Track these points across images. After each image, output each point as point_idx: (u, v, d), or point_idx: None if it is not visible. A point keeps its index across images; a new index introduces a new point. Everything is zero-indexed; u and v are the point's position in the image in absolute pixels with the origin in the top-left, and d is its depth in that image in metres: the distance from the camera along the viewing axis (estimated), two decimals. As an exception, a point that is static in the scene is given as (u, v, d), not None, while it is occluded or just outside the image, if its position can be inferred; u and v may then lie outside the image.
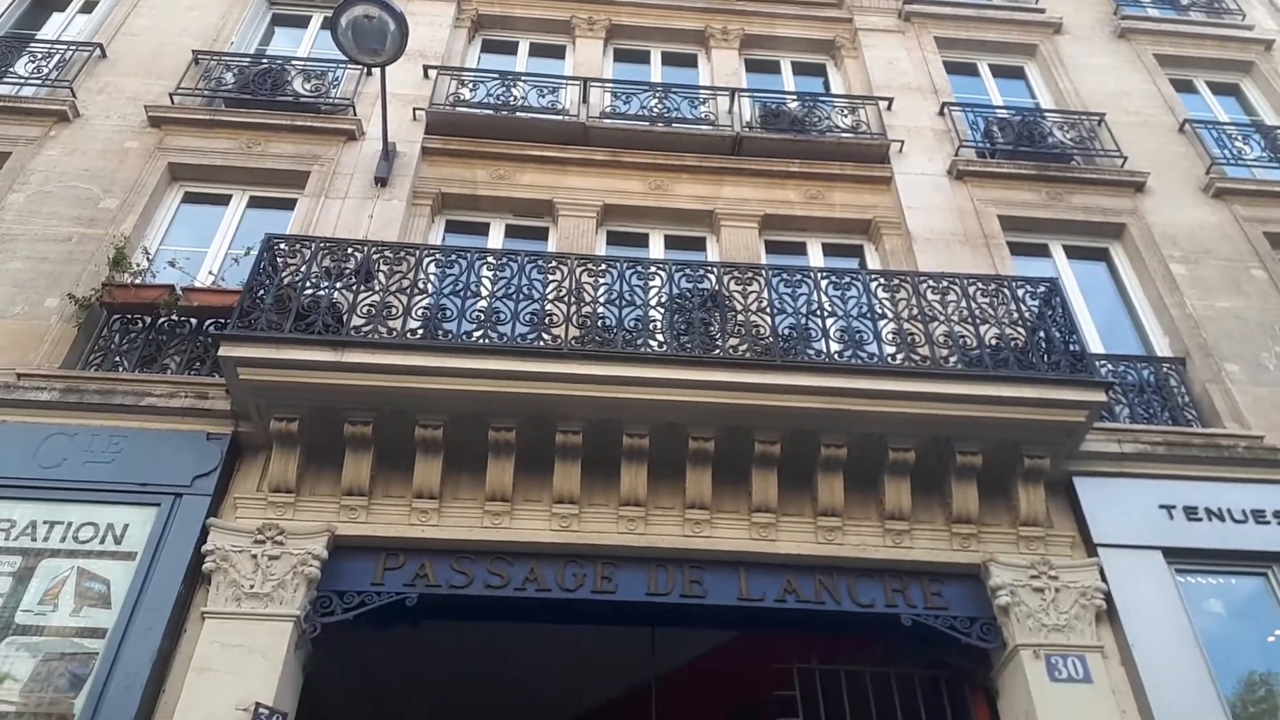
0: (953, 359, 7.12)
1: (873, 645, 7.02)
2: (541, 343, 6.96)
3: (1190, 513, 7.00)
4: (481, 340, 6.92)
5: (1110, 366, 8.25)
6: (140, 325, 7.81)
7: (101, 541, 6.31)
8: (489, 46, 11.72)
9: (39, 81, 9.70)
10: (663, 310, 7.40)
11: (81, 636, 5.89)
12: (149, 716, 5.72)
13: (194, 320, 7.79)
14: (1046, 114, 10.88)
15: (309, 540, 6.45)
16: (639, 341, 7.09)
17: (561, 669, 9.00)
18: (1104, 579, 6.65)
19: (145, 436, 6.80)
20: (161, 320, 7.78)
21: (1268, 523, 7.02)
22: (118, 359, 7.62)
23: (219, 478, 6.66)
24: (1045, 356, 7.13)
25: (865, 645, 7.05)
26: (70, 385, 7.05)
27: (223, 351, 6.58)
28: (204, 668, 5.84)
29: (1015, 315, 7.47)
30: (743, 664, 7.91)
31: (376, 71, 9.08)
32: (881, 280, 7.74)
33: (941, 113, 10.71)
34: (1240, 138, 10.75)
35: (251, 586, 6.17)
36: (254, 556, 6.30)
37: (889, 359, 7.13)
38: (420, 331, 7.01)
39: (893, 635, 6.78)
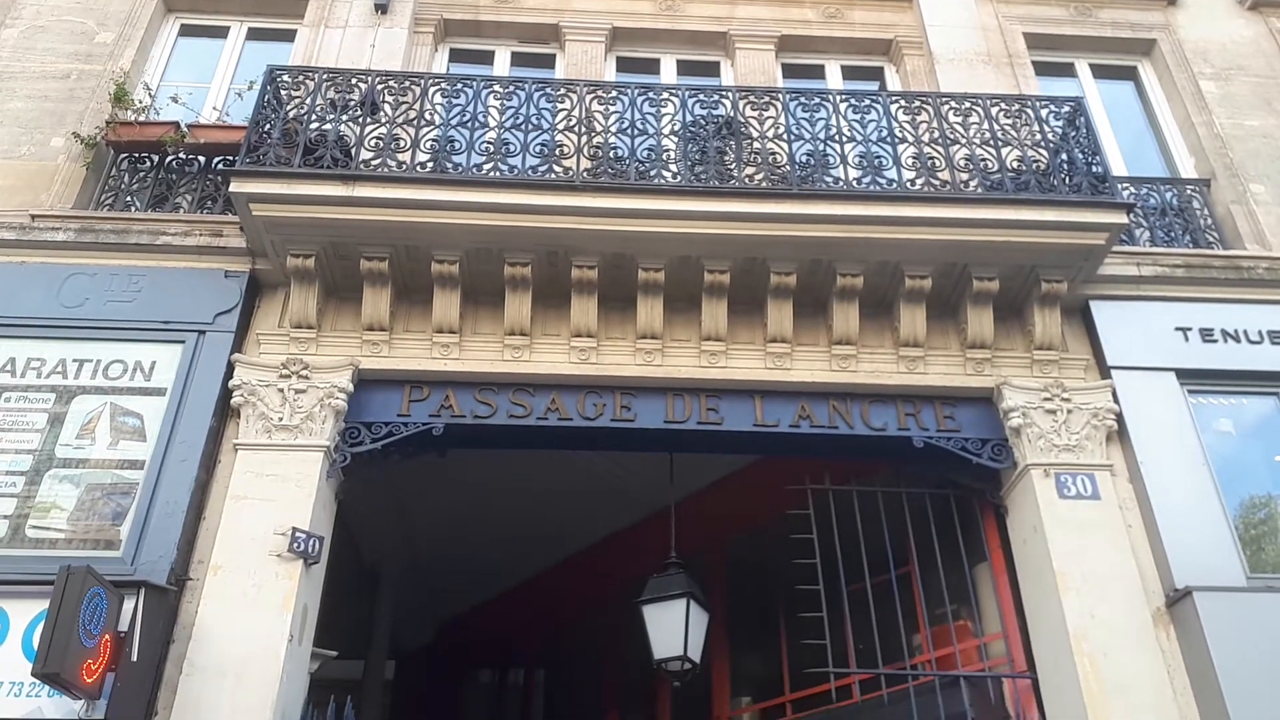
0: (973, 183, 6.99)
1: (885, 467, 7.19)
2: (553, 174, 6.85)
3: (1206, 334, 7.00)
4: (492, 172, 6.82)
5: (1133, 189, 8.07)
6: (149, 164, 7.71)
7: (131, 378, 6.44)
8: None
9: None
10: (676, 139, 7.22)
11: (121, 468, 6.08)
12: (191, 541, 5.97)
13: (202, 158, 7.67)
14: (1078, -82, 10.27)
15: (333, 374, 6.55)
16: (652, 173, 6.95)
17: (585, 495, 9.33)
18: (1116, 400, 6.73)
19: (164, 275, 6.83)
20: (169, 159, 7.67)
21: (1284, 343, 7.03)
22: (129, 199, 7.55)
23: (240, 315, 6.72)
24: (1067, 179, 6.97)
25: (877, 467, 7.23)
26: (85, 225, 7.02)
27: (233, 188, 6.52)
28: (241, 496, 6.06)
29: (1038, 137, 7.28)
30: (759, 487, 8.18)
31: (368, -113, 8.60)
32: (902, 102, 7.52)
33: (967, -80, 10.11)
34: (1283, -59, 10.14)
35: (280, 419, 6.32)
36: (281, 390, 6.43)
37: (908, 184, 7.01)
38: (430, 164, 6.90)
39: (904, 458, 6.93)
